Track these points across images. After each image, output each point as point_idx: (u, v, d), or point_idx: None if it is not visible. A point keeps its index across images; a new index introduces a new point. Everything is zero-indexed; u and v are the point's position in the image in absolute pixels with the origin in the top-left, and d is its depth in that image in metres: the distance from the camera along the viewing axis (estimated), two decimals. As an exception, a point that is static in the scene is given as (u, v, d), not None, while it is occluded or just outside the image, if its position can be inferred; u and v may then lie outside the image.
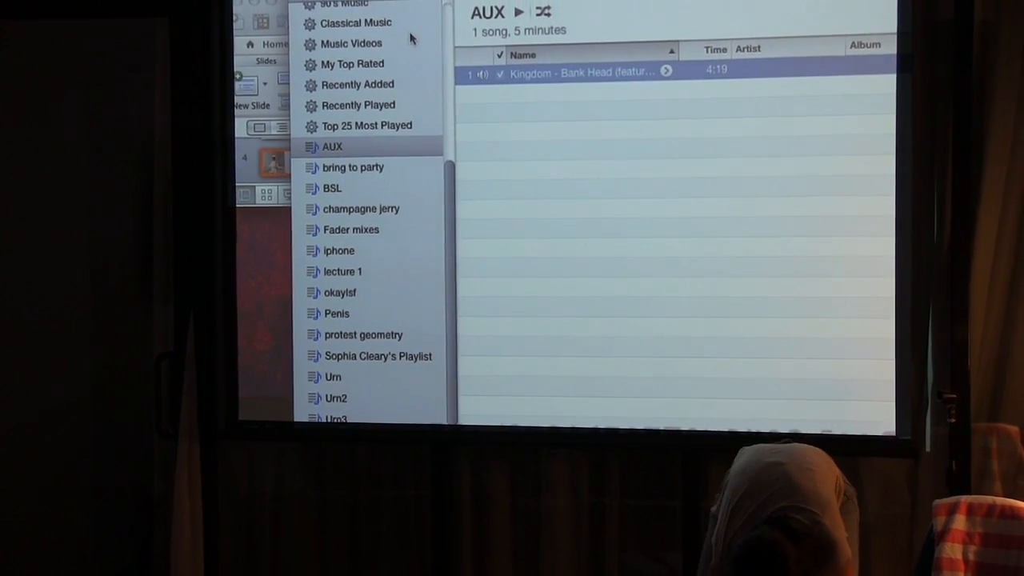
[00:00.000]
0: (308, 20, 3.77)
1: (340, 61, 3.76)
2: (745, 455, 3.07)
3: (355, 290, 3.79)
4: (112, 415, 4.53)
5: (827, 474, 2.96)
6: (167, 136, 3.98)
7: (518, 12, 3.66)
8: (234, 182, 3.83)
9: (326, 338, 3.81)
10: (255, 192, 3.83)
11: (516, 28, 3.67)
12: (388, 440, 3.93)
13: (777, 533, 2.67)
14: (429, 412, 3.76)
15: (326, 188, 3.80)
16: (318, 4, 3.76)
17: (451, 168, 3.72)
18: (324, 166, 3.79)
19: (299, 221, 3.80)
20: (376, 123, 3.76)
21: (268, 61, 3.81)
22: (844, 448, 3.41)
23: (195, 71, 3.91)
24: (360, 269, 3.79)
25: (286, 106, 3.79)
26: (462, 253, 3.72)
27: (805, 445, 3.08)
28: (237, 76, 3.82)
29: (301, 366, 3.82)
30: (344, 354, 3.80)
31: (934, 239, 3.64)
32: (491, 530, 4.02)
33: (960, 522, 3.21)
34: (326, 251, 3.80)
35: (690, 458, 3.79)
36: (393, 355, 3.78)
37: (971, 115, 3.55)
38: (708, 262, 3.61)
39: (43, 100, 4.40)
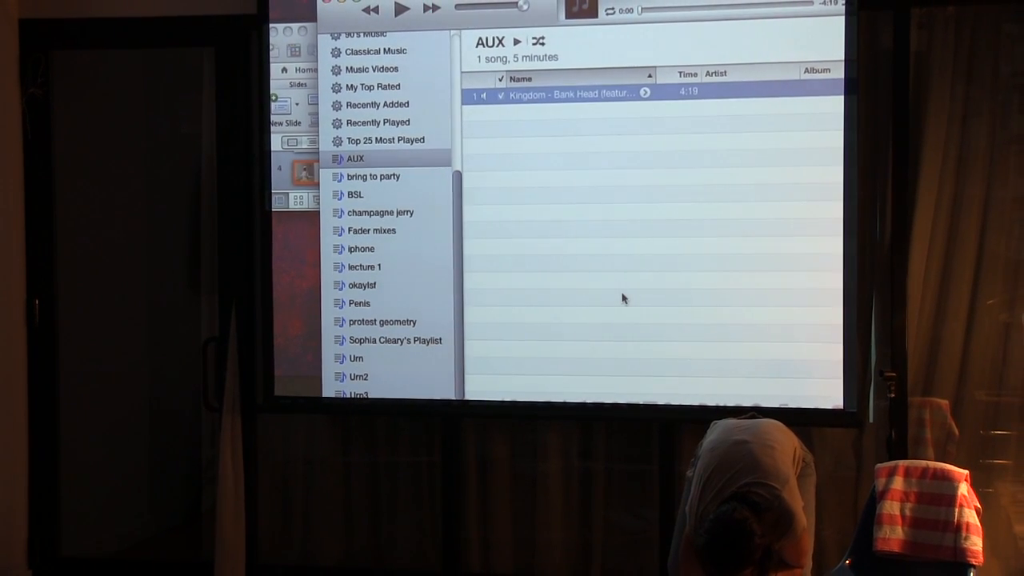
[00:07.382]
0: (335, 49, 4.00)
1: (362, 84, 3.99)
2: (715, 430, 3.23)
3: (375, 283, 4.02)
4: (165, 392, 4.80)
5: (787, 448, 3.12)
6: (213, 150, 4.25)
7: (516, 42, 3.90)
8: (270, 189, 4.05)
9: (350, 325, 4.03)
10: (288, 198, 4.06)
11: (515, 56, 3.90)
12: (404, 413, 4.14)
13: (745, 510, 2.83)
14: (439, 389, 3.98)
15: (350, 195, 4.02)
16: (343, 35, 3.99)
17: (458, 177, 3.95)
18: (348, 175, 4.01)
19: (327, 223, 4.02)
20: (393, 138, 3.98)
21: (300, 84, 4.03)
22: (799, 419, 3.62)
23: (237, 93, 4.17)
24: (379, 265, 4.01)
25: (315, 123, 4.02)
26: (468, 251, 3.94)
27: (769, 421, 3.24)
28: (273, 97, 4.04)
29: (328, 349, 4.03)
30: (366, 338, 4.01)
31: (876, 238, 3.89)
32: (493, 491, 4.26)
33: (898, 483, 3.52)
34: (350, 249, 4.02)
35: (666, 428, 4.00)
36: (408, 339, 3.99)
37: (908, 132, 3.82)
38: (682, 258, 3.82)
39: (108, 118, 4.63)
